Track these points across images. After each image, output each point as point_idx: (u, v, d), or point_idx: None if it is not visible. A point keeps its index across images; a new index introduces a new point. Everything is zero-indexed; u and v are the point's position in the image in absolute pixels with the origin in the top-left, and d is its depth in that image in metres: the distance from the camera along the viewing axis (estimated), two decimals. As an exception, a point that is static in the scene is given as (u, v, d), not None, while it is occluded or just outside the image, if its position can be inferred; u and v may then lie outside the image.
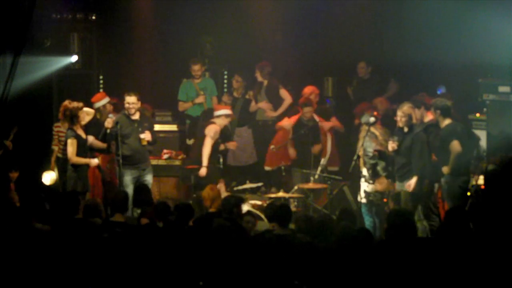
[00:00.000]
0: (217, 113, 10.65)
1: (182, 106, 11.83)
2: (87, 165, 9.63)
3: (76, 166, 9.51)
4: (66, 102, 9.76)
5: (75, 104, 9.64)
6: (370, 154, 9.48)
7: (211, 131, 10.36)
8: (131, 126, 9.80)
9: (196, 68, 11.70)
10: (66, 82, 12.09)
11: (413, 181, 9.00)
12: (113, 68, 12.46)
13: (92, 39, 12.23)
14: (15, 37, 8.58)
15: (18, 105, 11.03)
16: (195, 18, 12.30)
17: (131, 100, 9.77)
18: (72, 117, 9.54)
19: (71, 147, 9.46)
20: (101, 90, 11.91)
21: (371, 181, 9.46)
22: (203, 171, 10.22)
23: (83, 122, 9.67)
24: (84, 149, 9.62)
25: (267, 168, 11.15)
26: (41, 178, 11.19)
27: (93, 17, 12.19)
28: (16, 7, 9.36)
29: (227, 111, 10.69)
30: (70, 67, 11.94)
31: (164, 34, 12.55)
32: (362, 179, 9.52)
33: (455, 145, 8.90)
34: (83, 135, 9.62)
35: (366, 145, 9.50)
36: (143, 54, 12.71)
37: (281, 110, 11.68)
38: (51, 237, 6.71)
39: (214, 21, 12.35)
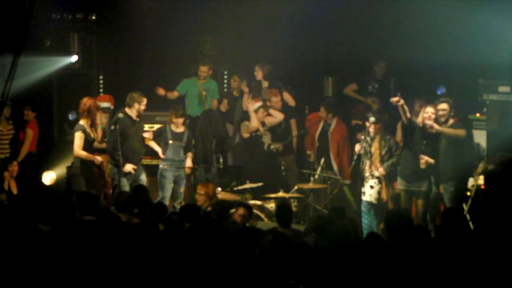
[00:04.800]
0: None
1: (171, 94, 11.80)
2: (93, 164, 9.64)
3: (81, 164, 9.51)
4: (85, 98, 9.85)
5: (90, 101, 9.76)
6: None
7: None
8: (133, 126, 9.83)
9: (204, 69, 11.75)
10: (66, 82, 12.10)
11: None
12: (113, 68, 12.46)
13: (92, 39, 12.23)
14: (15, 37, 8.57)
15: (18, 105, 11.06)
16: (195, 18, 12.29)
17: (145, 102, 9.94)
18: (84, 112, 9.68)
19: (79, 140, 9.55)
20: (102, 92, 11.98)
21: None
22: None
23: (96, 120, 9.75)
24: (91, 148, 9.65)
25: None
26: (41, 178, 11.23)
27: (93, 17, 12.19)
28: (16, 7, 9.36)
29: None
30: (70, 67, 11.94)
31: (164, 34, 12.54)
32: (376, 179, 9.45)
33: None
34: (92, 134, 9.64)
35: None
36: (143, 54, 12.71)
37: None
38: (53, 237, 6.70)
39: (214, 21, 12.35)
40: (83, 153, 9.58)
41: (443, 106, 9.17)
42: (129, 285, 6.02)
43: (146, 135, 9.87)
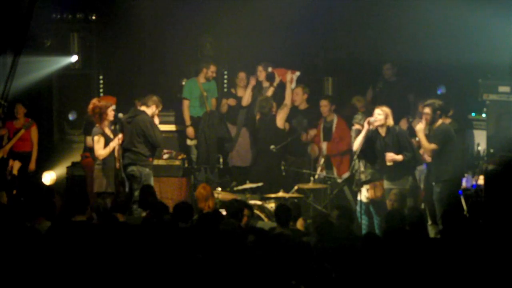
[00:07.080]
0: None
1: (187, 115, 11.71)
2: (114, 165, 9.56)
3: (103, 165, 9.45)
4: (95, 100, 9.75)
5: (104, 102, 9.65)
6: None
7: None
8: None
9: (214, 69, 11.66)
10: (66, 82, 12.12)
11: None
12: (113, 68, 12.46)
13: (92, 39, 12.24)
14: (15, 37, 8.60)
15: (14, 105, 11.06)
16: (195, 18, 12.29)
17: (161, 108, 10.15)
18: (101, 115, 9.50)
19: (98, 144, 9.41)
20: (101, 94, 11.99)
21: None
22: None
23: (111, 119, 9.65)
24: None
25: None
26: (41, 178, 11.23)
27: (93, 17, 12.20)
28: (16, 7, 9.37)
29: None
30: (70, 67, 11.95)
31: (164, 34, 12.55)
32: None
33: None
34: (109, 134, 9.57)
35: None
36: (143, 54, 12.71)
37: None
38: (52, 238, 6.71)
39: (214, 21, 12.34)
40: (107, 151, 9.40)
41: (426, 110, 9.22)
42: (127, 285, 6.03)
43: None
